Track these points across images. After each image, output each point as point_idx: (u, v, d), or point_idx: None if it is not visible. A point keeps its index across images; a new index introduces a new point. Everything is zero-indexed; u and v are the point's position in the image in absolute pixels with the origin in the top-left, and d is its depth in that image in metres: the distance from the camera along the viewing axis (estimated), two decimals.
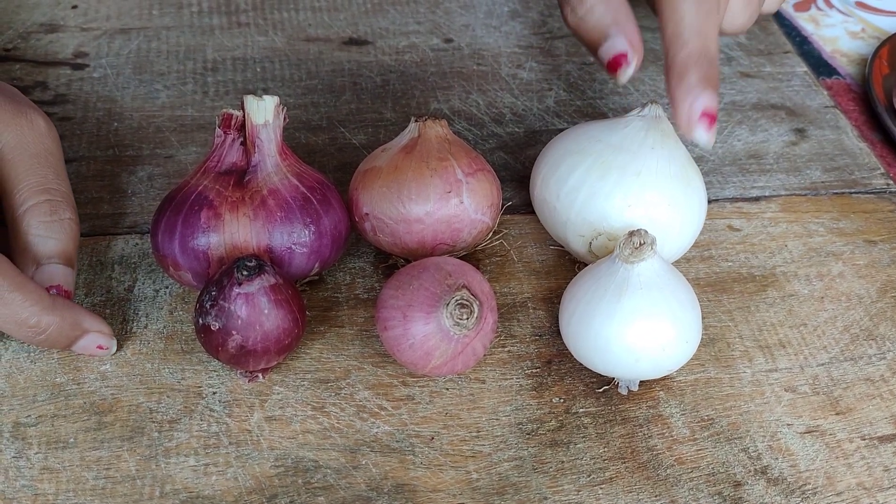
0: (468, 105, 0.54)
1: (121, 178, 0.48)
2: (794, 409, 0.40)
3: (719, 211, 0.49)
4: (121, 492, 0.35)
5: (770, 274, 0.46)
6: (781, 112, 0.56)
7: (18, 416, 0.37)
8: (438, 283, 0.36)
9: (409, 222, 0.40)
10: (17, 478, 0.35)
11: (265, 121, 0.39)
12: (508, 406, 0.39)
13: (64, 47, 0.56)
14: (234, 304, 0.35)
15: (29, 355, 0.39)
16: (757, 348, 0.42)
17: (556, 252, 0.46)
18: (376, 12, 0.61)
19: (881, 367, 0.42)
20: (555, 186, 0.42)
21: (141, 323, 0.41)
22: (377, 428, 0.38)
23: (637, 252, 0.37)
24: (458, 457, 0.37)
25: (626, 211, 0.41)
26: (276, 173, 0.39)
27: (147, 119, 0.51)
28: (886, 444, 0.39)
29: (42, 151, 0.40)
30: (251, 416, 0.38)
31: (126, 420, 0.37)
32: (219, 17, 0.59)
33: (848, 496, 0.37)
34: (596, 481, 0.37)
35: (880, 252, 0.47)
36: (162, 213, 0.39)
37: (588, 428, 0.39)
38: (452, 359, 0.37)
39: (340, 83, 0.55)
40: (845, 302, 0.45)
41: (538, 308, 0.43)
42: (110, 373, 0.39)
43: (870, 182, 0.51)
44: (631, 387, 0.40)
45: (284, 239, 0.38)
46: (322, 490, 0.36)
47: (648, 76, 0.57)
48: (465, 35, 0.59)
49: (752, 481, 0.37)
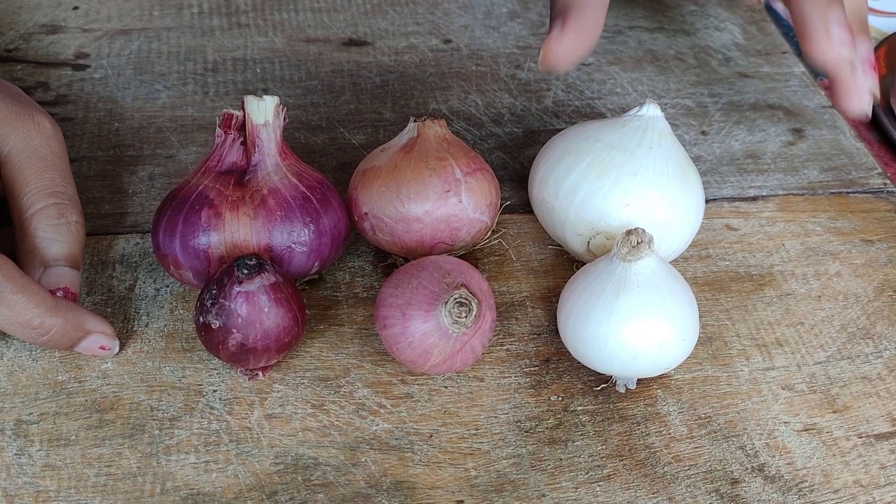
0: (467, 105, 0.54)
1: (122, 178, 0.48)
2: (791, 407, 0.40)
3: (717, 210, 0.49)
4: (122, 489, 0.35)
5: (767, 273, 0.46)
6: (779, 112, 0.56)
7: (20, 414, 0.37)
8: (437, 282, 0.37)
9: (408, 221, 0.40)
10: (19, 475, 0.35)
11: (265, 121, 0.39)
12: (507, 404, 0.39)
13: (65, 48, 0.56)
14: (235, 302, 0.36)
15: (31, 353, 0.39)
16: (754, 347, 0.43)
17: (555, 251, 0.46)
18: (375, 13, 0.61)
19: (878, 366, 0.42)
20: (553, 186, 0.42)
21: (142, 321, 0.41)
22: (376, 426, 0.38)
23: (635, 251, 0.37)
24: (457, 454, 0.37)
25: (624, 210, 0.41)
26: (276, 173, 0.39)
27: (148, 119, 0.51)
28: (883, 441, 0.39)
29: (49, 154, 0.40)
30: (251, 413, 0.38)
31: (127, 418, 0.38)
32: (219, 19, 0.59)
33: (844, 493, 0.37)
34: (594, 479, 0.37)
35: (877, 251, 0.48)
36: (163, 213, 0.39)
37: (586, 426, 0.39)
38: (451, 357, 0.37)
39: (340, 83, 0.55)
40: (842, 301, 0.45)
41: (536, 307, 0.43)
42: (111, 371, 0.39)
43: (867, 182, 0.52)
44: (629, 385, 0.40)
45: (284, 238, 0.39)
46: (321, 487, 0.36)
47: (647, 76, 0.57)
48: (463, 36, 0.60)
49: (749, 479, 0.37)
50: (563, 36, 0.42)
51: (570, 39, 0.42)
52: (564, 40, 0.42)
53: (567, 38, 0.42)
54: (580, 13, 0.42)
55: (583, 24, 0.42)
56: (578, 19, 0.42)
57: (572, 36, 0.42)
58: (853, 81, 0.40)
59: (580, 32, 0.42)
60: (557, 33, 0.42)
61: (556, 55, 0.42)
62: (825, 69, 0.39)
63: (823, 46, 0.38)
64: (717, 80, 0.58)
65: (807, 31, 0.38)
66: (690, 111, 0.55)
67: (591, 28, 0.42)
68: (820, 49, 0.38)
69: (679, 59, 0.59)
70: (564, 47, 0.42)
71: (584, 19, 0.42)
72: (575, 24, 0.42)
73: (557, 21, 0.42)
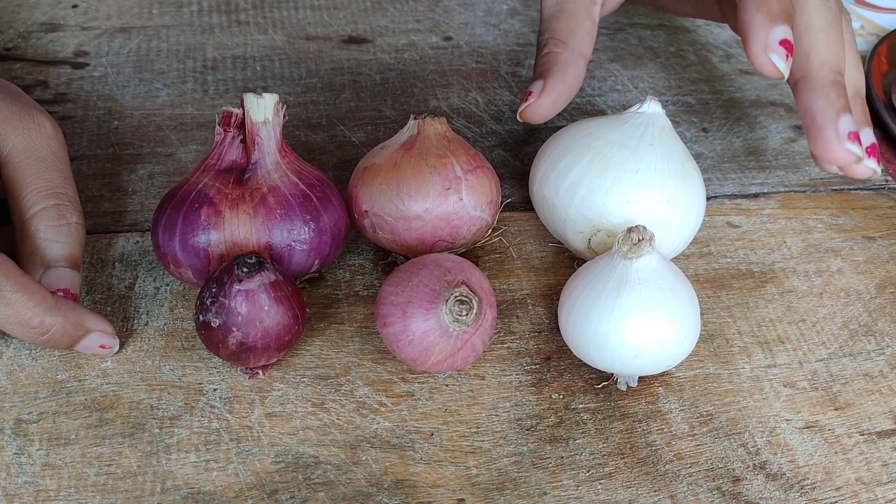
0: (467, 103, 0.54)
1: (121, 177, 0.48)
2: (793, 404, 0.40)
3: (718, 207, 0.49)
4: (122, 488, 0.35)
5: (769, 270, 0.46)
6: (780, 109, 0.56)
7: (20, 413, 0.37)
8: (438, 280, 0.37)
9: (409, 219, 0.40)
10: (18, 474, 0.35)
11: (265, 119, 0.39)
12: (508, 402, 0.39)
13: (64, 46, 0.56)
14: (235, 300, 0.36)
15: (30, 352, 0.39)
16: (756, 344, 0.42)
17: (555, 249, 0.46)
18: (375, 11, 0.61)
19: (880, 363, 0.42)
20: (554, 183, 0.42)
21: (142, 320, 0.41)
22: (377, 424, 0.38)
23: (635, 248, 0.37)
24: (458, 452, 0.37)
25: (624, 207, 0.41)
26: (275, 171, 0.39)
27: (147, 117, 0.51)
28: (885, 439, 0.39)
29: (49, 155, 0.40)
30: (252, 412, 0.38)
31: (127, 417, 0.37)
32: (218, 16, 0.59)
33: (846, 491, 0.37)
34: (595, 476, 0.37)
35: (879, 248, 0.48)
36: (162, 211, 0.39)
37: (587, 424, 0.39)
38: (452, 355, 0.37)
39: (340, 81, 0.55)
40: (844, 298, 0.45)
41: (537, 305, 0.43)
42: (111, 370, 0.39)
43: (868, 178, 0.52)
44: (630, 383, 0.40)
45: (284, 236, 0.38)
46: (322, 486, 0.36)
47: (647, 73, 0.57)
48: (464, 33, 0.59)
49: (751, 476, 0.37)
50: (542, 99, 0.44)
51: (548, 103, 0.44)
52: (543, 103, 0.44)
53: (546, 100, 0.44)
54: (561, 77, 0.44)
55: (562, 87, 0.44)
56: (558, 83, 0.44)
57: (551, 100, 0.44)
58: (857, 169, 0.41)
59: (559, 95, 0.44)
60: (537, 95, 0.43)
61: (534, 114, 0.44)
62: (833, 165, 0.41)
63: (833, 148, 0.39)
64: (718, 76, 0.58)
65: (815, 131, 0.39)
66: (691, 108, 0.55)
67: (570, 87, 0.44)
68: (830, 151, 0.39)
69: (680, 56, 0.59)
70: (543, 108, 0.44)
71: (564, 83, 0.44)
72: (554, 88, 0.44)
73: (538, 82, 0.44)
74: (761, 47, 0.37)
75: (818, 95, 0.39)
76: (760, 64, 0.37)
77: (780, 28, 0.37)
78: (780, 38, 0.37)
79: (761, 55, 0.37)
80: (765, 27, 0.37)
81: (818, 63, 0.39)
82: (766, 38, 0.37)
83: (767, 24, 0.37)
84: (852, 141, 0.38)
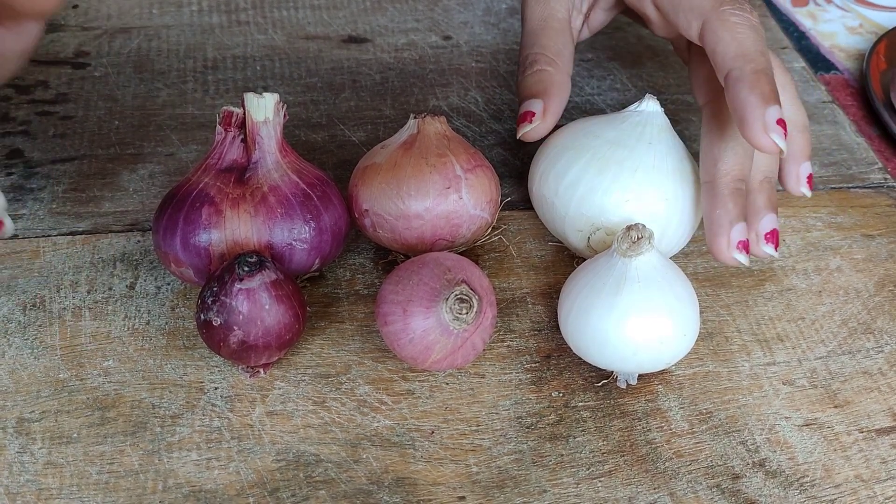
0: (467, 102, 0.54)
1: (122, 176, 0.48)
2: (793, 402, 0.40)
3: None
4: (124, 486, 0.35)
5: (768, 268, 0.46)
6: None
7: (22, 412, 0.37)
8: (438, 279, 0.37)
9: (409, 218, 0.40)
10: (21, 473, 0.36)
11: (265, 118, 0.39)
12: (508, 400, 0.39)
13: (65, 46, 0.56)
14: (236, 299, 0.36)
15: (32, 352, 0.39)
16: (755, 342, 0.43)
17: (555, 247, 0.46)
18: (375, 10, 0.61)
19: (879, 361, 0.42)
20: (553, 182, 0.42)
21: (143, 319, 0.41)
22: (378, 422, 0.38)
23: (635, 246, 0.37)
24: (458, 450, 0.38)
25: (624, 206, 0.41)
26: (276, 170, 0.39)
27: (148, 117, 0.51)
28: (884, 436, 0.39)
29: None
30: (253, 410, 0.38)
31: (129, 415, 0.38)
32: (218, 16, 0.59)
33: (846, 488, 0.37)
34: (595, 474, 0.37)
35: (878, 246, 0.48)
36: (163, 211, 0.39)
37: (587, 421, 0.39)
38: (452, 353, 0.37)
39: (340, 81, 0.55)
40: (843, 296, 0.45)
41: (537, 303, 0.43)
42: (113, 369, 0.39)
43: (867, 177, 0.52)
44: (629, 381, 0.40)
45: (285, 235, 0.39)
46: (323, 484, 0.36)
47: (646, 72, 0.57)
48: (463, 32, 0.60)
49: (750, 474, 0.37)
50: (547, 121, 0.44)
51: (550, 124, 0.44)
52: (547, 124, 0.44)
53: (549, 122, 0.44)
54: (559, 99, 0.44)
55: (559, 109, 0.44)
56: (558, 105, 0.44)
57: (553, 121, 0.44)
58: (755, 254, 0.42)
59: (557, 116, 0.44)
60: (541, 117, 0.44)
61: (536, 135, 0.44)
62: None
63: (723, 255, 0.40)
64: None
65: (711, 237, 0.41)
66: (690, 107, 0.55)
67: (563, 109, 0.45)
68: (720, 256, 0.40)
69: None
70: (545, 130, 0.44)
71: (561, 105, 0.45)
72: (555, 109, 0.44)
73: (536, 102, 0.44)
74: (760, 127, 0.38)
75: (718, 203, 0.40)
76: (762, 144, 0.38)
77: (773, 109, 0.38)
78: (776, 118, 0.38)
79: (761, 135, 0.38)
80: (760, 108, 0.38)
81: (723, 171, 0.41)
82: (764, 120, 0.38)
83: (762, 105, 0.38)
84: (740, 250, 0.40)
